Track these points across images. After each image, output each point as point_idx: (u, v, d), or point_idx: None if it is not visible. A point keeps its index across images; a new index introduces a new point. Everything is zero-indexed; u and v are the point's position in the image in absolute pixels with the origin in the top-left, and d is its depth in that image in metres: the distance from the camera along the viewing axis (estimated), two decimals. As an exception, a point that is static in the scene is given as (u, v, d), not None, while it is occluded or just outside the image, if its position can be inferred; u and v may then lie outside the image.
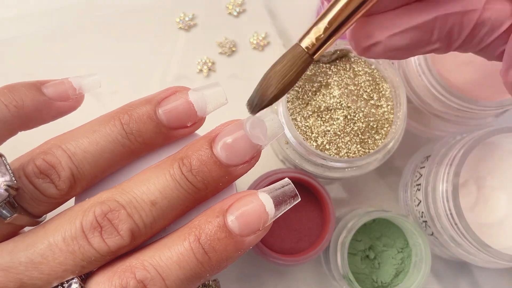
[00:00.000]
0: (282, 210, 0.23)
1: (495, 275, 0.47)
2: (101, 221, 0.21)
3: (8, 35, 0.47)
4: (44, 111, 0.26)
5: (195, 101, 0.24)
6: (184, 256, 0.22)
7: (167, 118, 0.24)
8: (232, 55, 0.48)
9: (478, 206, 0.41)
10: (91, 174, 0.23)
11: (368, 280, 0.42)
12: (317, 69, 0.39)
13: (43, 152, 0.23)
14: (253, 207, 0.22)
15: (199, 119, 0.25)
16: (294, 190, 0.23)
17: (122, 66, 0.48)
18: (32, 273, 0.21)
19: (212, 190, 0.24)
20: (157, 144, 0.25)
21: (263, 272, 0.46)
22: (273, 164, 0.47)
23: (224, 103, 0.25)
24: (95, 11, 0.48)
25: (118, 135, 0.23)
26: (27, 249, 0.21)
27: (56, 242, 0.21)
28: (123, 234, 0.22)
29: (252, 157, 0.23)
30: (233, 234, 0.22)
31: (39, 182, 0.22)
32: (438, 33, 0.22)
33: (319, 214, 0.43)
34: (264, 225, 0.22)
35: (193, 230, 0.22)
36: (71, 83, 0.27)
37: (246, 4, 0.49)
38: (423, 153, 0.45)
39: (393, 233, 0.43)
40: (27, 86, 0.25)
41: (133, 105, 0.24)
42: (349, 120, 0.38)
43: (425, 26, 0.22)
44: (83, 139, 0.23)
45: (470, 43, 0.22)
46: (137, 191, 0.22)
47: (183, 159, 0.23)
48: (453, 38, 0.22)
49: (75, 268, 0.21)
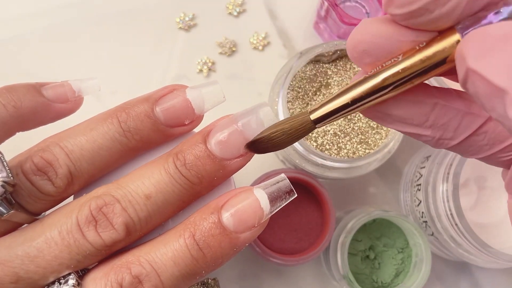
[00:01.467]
0: (278, 206, 0.23)
1: (495, 275, 0.47)
2: (96, 215, 0.22)
3: (8, 35, 0.47)
4: (42, 113, 0.26)
5: (192, 99, 0.24)
6: (179, 252, 0.22)
7: (165, 116, 0.24)
8: (232, 55, 0.48)
9: (478, 206, 0.41)
10: (89, 171, 0.23)
11: (368, 280, 0.42)
12: (317, 69, 0.39)
13: (41, 149, 0.23)
14: (248, 204, 0.22)
15: (197, 117, 0.25)
16: (289, 185, 0.23)
17: (122, 66, 0.48)
18: (28, 266, 0.21)
19: (207, 185, 0.24)
20: (155, 142, 0.25)
21: (263, 272, 0.46)
22: (273, 164, 0.47)
23: (222, 101, 0.25)
24: (95, 11, 0.48)
25: (116, 133, 0.23)
26: (24, 243, 0.21)
27: (53, 236, 0.21)
28: (117, 228, 0.22)
29: (246, 151, 0.24)
30: (228, 231, 0.22)
31: (36, 179, 0.22)
32: (433, 120, 0.19)
33: (319, 214, 0.43)
34: (260, 222, 0.22)
35: (188, 227, 0.22)
36: (70, 86, 0.27)
37: (246, 4, 0.49)
38: (423, 153, 0.45)
39: (393, 233, 0.43)
40: (26, 87, 0.25)
41: (131, 103, 0.24)
42: (349, 120, 0.38)
43: (423, 106, 0.19)
44: (80, 136, 0.23)
45: (467, 150, 0.20)
46: (132, 185, 0.22)
47: (177, 154, 0.23)
48: (448, 135, 0.20)
49: (70, 262, 0.21)
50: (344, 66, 0.39)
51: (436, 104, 0.19)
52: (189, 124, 0.25)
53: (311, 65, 0.39)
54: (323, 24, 0.46)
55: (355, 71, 0.39)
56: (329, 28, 0.45)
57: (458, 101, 0.19)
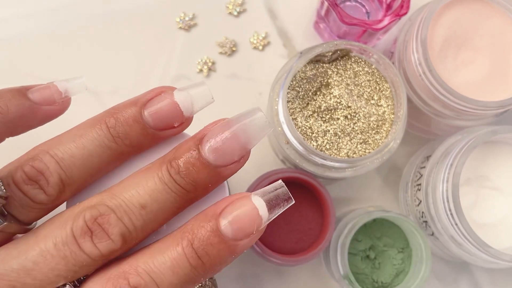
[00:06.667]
0: (275, 214, 0.23)
1: (495, 275, 0.47)
2: (91, 226, 0.21)
3: (8, 35, 0.47)
4: (30, 116, 0.25)
5: (180, 101, 0.24)
6: (177, 261, 0.22)
7: (153, 120, 0.24)
8: (232, 55, 0.48)
9: (479, 206, 0.41)
10: (80, 178, 0.23)
11: (368, 280, 0.42)
12: (317, 69, 0.39)
13: (30, 158, 0.23)
14: (246, 211, 0.22)
15: (186, 119, 0.24)
16: (287, 192, 0.23)
17: (122, 66, 0.47)
18: (25, 279, 0.21)
19: (202, 191, 0.23)
20: (145, 146, 0.25)
21: (263, 272, 0.46)
22: (273, 164, 0.47)
23: (211, 102, 0.25)
24: (95, 11, 0.48)
25: (105, 139, 0.23)
26: (19, 256, 0.21)
27: (48, 248, 0.21)
28: (114, 238, 0.22)
29: (240, 157, 0.23)
30: (226, 239, 0.22)
31: (28, 188, 0.22)
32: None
33: (319, 214, 0.43)
34: (258, 229, 0.22)
35: (186, 234, 0.22)
36: (56, 87, 0.26)
37: (246, 4, 0.49)
38: (424, 153, 0.45)
39: (393, 233, 0.43)
40: (12, 92, 0.25)
41: (119, 108, 0.24)
42: (349, 120, 0.38)
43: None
44: (70, 144, 0.23)
45: None
46: (127, 194, 0.22)
47: (171, 161, 0.23)
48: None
49: (67, 273, 0.21)
50: (344, 66, 0.39)
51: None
52: (179, 126, 0.24)
53: (311, 65, 0.39)
54: (323, 24, 0.46)
55: (355, 71, 0.39)
56: (329, 28, 0.45)
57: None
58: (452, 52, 0.40)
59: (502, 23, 0.40)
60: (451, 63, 0.40)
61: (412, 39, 0.40)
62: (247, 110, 0.23)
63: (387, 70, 0.39)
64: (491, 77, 0.40)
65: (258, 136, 0.23)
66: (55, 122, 0.27)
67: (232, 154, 0.23)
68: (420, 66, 0.39)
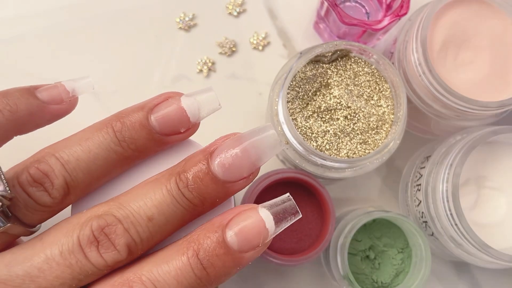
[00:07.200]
0: (282, 227, 0.22)
1: (495, 275, 0.47)
2: (98, 236, 0.21)
3: (8, 35, 0.47)
4: (38, 115, 0.26)
5: (187, 107, 0.24)
6: (182, 271, 0.21)
7: (160, 125, 0.24)
8: (232, 55, 0.48)
9: (478, 206, 0.41)
10: (85, 182, 0.23)
11: (368, 280, 0.42)
12: (317, 69, 0.39)
13: (36, 160, 0.23)
14: (253, 223, 0.22)
15: (193, 124, 0.24)
16: (295, 206, 0.23)
17: (122, 65, 0.47)
18: (29, 286, 0.21)
19: (209, 206, 0.23)
20: (151, 151, 0.25)
21: (263, 272, 0.46)
22: (273, 164, 0.47)
23: (218, 108, 0.24)
24: (95, 11, 0.48)
25: (111, 143, 0.23)
26: (24, 262, 0.21)
27: (53, 255, 0.21)
28: (120, 249, 0.22)
29: (250, 173, 0.23)
30: (232, 250, 0.22)
31: (32, 190, 0.22)
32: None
33: (319, 214, 0.43)
34: (264, 242, 0.22)
35: (192, 244, 0.22)
36: (64, 87, 0.27)
37: (246, 4, 0.49)
38: (423, 153, 0.45)
39: (393, 233, 0.43)
40: (21, 91, 0.25)
41: (125, 112, 0.24)
42: (349, 120, 0.38)
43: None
44: (76, 147, 0.23)
45: None
46: (134, 205, 0.22)
47: (180, 174, 0.23)
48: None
49: (72, 281, 0.21)
50: (344, 67, 0.39)
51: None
52: (185, 132, 0.24)
53: (311, 65, 0.39)
54: (323, 24, 0.46)
55: (355, 71, 0.39)
56: (329, 29, 0.45)
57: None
58: (452, 52, 0.40)
59: (501, 24, 0.40)
60: (451, 63, 0.40)
61: (412, 39, 0.40)
62: (259, 126, 0.23)
63: (387, 70, 0.39)
64: (491, 77, 0.40)
65: (269, 154, 0.23)
66: (55, 122, 0.27)
67: (241, 170, 0.23)
68: (420, 66, 0.39)
